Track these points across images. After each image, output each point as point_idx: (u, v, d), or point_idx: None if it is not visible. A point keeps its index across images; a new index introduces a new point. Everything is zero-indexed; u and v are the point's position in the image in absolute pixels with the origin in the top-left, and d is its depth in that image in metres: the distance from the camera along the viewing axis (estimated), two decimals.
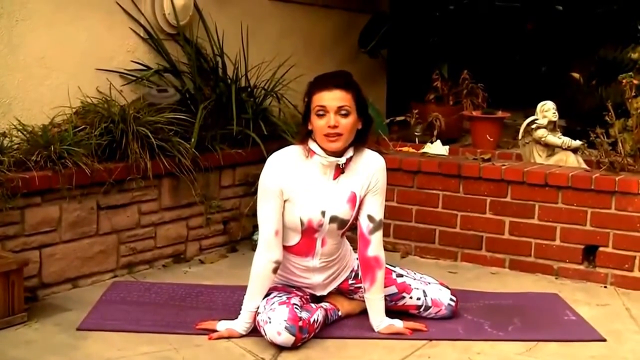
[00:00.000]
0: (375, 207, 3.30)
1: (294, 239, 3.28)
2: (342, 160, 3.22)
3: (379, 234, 3.31)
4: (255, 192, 3.33)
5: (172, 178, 4.21)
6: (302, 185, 3.21)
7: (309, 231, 3.26)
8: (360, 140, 3.27)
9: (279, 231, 3.22)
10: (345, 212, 3.26)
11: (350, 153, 3.24)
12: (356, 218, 3.31)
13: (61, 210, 3.73)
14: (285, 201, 3.21)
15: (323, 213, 3.23)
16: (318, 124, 3.16)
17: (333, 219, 3.25)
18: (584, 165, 4.71)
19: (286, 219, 3.23)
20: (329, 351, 3.15)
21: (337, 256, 3.39)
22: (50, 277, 3.72)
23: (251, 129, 4.57)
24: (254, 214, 3.28)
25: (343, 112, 3.15)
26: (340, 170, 3.25)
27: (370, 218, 3.29)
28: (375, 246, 3.30)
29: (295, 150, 3.27)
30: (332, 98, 3.14)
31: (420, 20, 6.48)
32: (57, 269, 3.75)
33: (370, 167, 3.28)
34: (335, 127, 3.13)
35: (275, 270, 3.24)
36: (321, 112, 3.15)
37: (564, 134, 4.92)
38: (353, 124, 3.18)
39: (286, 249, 3.28)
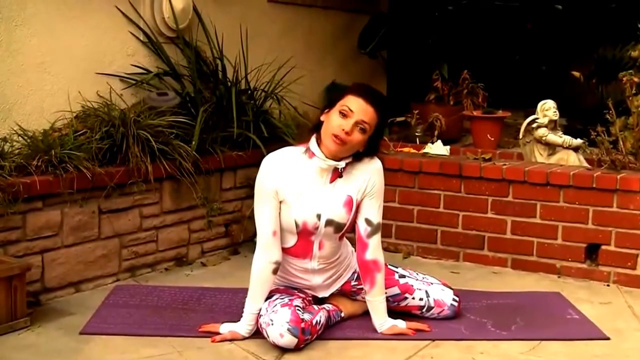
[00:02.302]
0: (372, 210, 3.28)
1: (291, 240, 3.28)
2: (342, 164, 3.21)
3: (376, 237, 3.29)
4: None
5: (173, 181, 4.21)
6: (297, 187, 3.21)
7: (304, 233, 3.25)
8: (355, 156, 3.24)
9: (277, 232, 3.22)
10: (341, 216, 3.25)
11: (349, 159, 3.23)
12: (354, 221, 3.30)
13: (63, 214, 3.73)
14: (280, 202, 3.21)
15: (318, 216, 3.23)
16: (335, 120, 3.14)
17: (329, 223, 3.24)
18: (585, 164, 4.71)
19: (282, 220, 3.23)
20: (331, 352, 3.15)
21: (336, 258, 3.38)
22: (52, 281, 3.72)
23: (252, 131, 4.57)
24: (254, 216, 3.28)
25: (362, 126, 3.13)
26: (338, 174, 3.24)
27: (367, 221, 3.28)
28: (373, 249, 3.29)
29: (292, 151, 3.26)
30: (363, 109, 3.13)
31: (419, 21, 6.48)
32: (59, 274, 3.75)
33: (366, 170, 3.27)
34: (347, 134, 3.12)
35: (275, 271, 3.24)
36: (344, 113, 3.14)
37: (565, 133, 4.92)
38: (361, 141, 3.17)
39: (284, 250, 3.28)
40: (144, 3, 4.60)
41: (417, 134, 5.54)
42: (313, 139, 3.22)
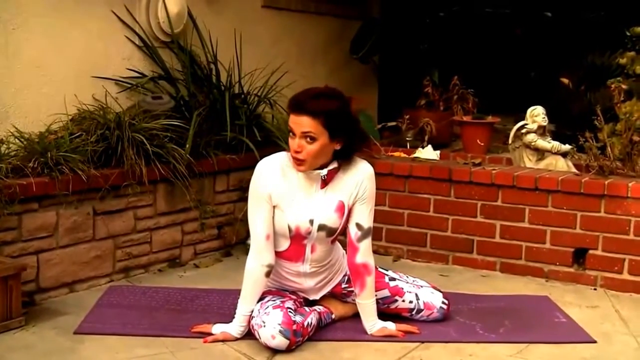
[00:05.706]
0: (363, 215, 3.31)
1: (284, 244, 3.31)
2: (324, 172, 3.23)
3: (367, 242, 3.33)
4: None
5: (167, 184, 4.24)
6: (290, 192, 3.24)
7: (297, 238, 3.28)
8: (343, 157, 3.26)
9: (270, 235, 3.25)
10: (333, 221, 3.29)
11: (333, 165, 3.25)
12: (346, 225, 3.33)
13: (58, 215, 3.76)
14: (274, 207, 3.24)
15: (311, 221, 3.26)
16: (289, 142, 3.19)
17: (321, 227, 3.27)
18: (574, 169, 4.73)
19: (275, 225, 3.25)
20: (322, 354, 3.18)
21: (327, 262, 3.41)
22: (47, 281, 3.75)
23: (245, 135, 4.60)
24: (247, 219, 3.31)
25: (308, 138, 3.13)
26: (324, 182, 3.27)
27: (358, 226, 3.31)
28: (364, 253, 3.32)
29: (285, 157, 3.28)
30: (298, 123, 3.13)
31: (411, 27, 6.53)
32: (54, 274, 3.77)
33: (358, 176, 3.29)
34: (299, 152, 3.14)
35: (267, 274, 3.27)
36: (291, 134, 3.17)
37: (554, 139, 4.95)
38: (319, 149, 3.14)
39: (277, 254, 3.30)
40: (140, 8, 4.63)
41: (407, 138, 5.58)
42: None
